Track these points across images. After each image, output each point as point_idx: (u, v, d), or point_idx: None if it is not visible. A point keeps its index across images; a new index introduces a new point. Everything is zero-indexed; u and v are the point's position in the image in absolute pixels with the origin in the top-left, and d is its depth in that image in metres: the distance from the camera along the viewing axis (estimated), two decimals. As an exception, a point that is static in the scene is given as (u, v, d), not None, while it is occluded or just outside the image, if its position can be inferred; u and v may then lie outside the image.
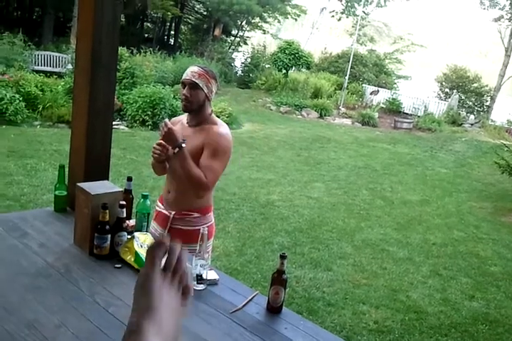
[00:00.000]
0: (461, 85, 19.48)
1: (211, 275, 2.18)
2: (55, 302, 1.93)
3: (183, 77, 2.61)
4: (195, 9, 26.34)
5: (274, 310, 2.02)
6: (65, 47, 15.93)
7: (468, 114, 17.83)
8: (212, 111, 2.71)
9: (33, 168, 6.84)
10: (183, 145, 2.49)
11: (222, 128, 2.65)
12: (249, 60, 20.86)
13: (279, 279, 1.99)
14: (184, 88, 2.60)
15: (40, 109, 9.77)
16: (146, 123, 10.27)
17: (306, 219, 6.33)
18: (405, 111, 17.07)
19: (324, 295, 4.38)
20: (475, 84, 19.42)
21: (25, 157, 7.30)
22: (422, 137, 14.04)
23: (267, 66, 20.03)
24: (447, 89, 20.08)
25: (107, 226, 2.25)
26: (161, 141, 2.52)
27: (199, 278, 2.10)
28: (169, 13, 20.60)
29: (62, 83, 10.92)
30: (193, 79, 2.56)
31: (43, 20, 20.42)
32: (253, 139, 10.85)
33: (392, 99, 17.24)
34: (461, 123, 16.20)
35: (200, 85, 2.56)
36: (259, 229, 5.78)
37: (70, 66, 13.43)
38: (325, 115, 15.13)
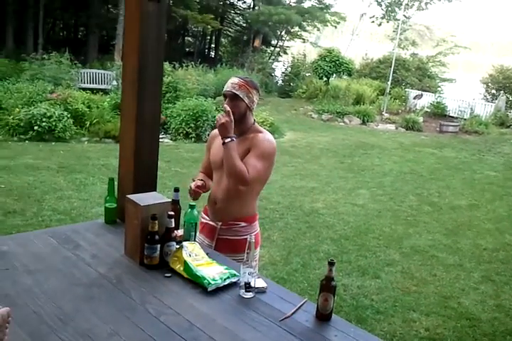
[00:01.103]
0: (508, 86, 18.98)
1: (259, 283, 2.18)
2: (108, 312, 1.97)
3: (224, 89, 2.64)
4: (235, 21, 26.68)
5: (323, 317, 2.00)
6: (109, 64, 16.40)
7: (517, 115, 17.30)
8: (254, 121, 2.74)
9: (82, 183, 7.04)
10: (234, 139, 2.54)
11: (267, 135, 2.69)
12: (289, 69, 20.96)
13: (327, 286, 1.97)
14: (225, 100, 2.63)
15: (88, 125, 10.08)
16: (190, 136, 10.44)
17: (352, 226, 6.27)
18: (451, 115, 16.73)
19: (373, 303, 4.32)
20: (522, 84, 18.89)
21: (75, 172, 7.53)
22: (469, 140, 13.71)
23: (307, 74, 20.06)
24: (494, 91, 19.60)
25: (157, 237, 2.30)
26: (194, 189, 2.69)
27: (247, 287, 2.11)
28: (209, 26, 20.93)
29: (108, 99, 11.25)
30: (234, 91, 2.59)
31: (88, 39, 21.13)
32: (295, 148, 10.84)
33: (437, 102, 16.93)
34: (510, 125, 15.75)
35: (241, 96, 2.59)
36: (305, 238, 5.76)
37: (115, 82, 13.81)
38: (368, 121, 15.00)
